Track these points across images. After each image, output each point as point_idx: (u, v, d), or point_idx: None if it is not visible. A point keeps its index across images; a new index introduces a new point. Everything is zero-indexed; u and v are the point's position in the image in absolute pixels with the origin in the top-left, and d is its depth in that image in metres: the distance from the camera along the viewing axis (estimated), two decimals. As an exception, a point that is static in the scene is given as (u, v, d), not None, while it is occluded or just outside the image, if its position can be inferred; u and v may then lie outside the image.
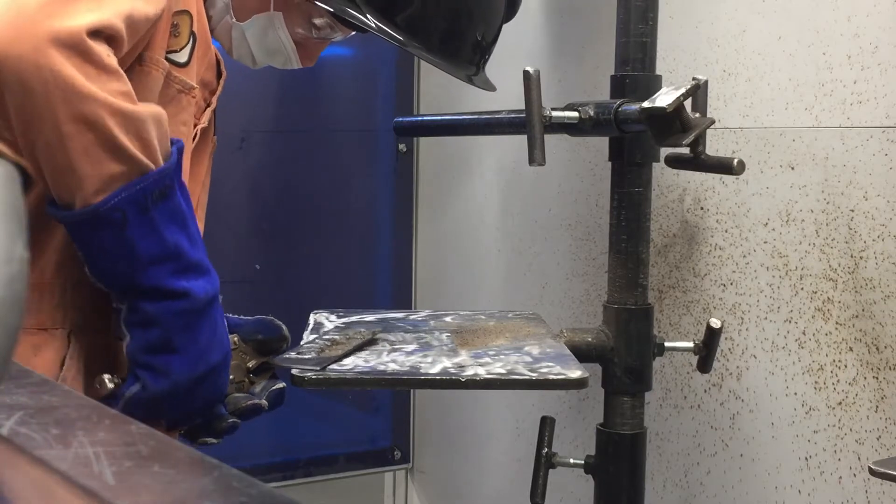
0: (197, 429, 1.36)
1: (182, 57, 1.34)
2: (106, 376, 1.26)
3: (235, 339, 1.42)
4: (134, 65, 1.26)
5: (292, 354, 1.41)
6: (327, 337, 1.52)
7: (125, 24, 1.17)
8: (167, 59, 1.31)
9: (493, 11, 1.64)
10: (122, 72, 1.16)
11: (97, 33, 1.13)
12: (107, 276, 1.22)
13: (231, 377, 1.39)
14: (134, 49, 1.24)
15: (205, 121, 1.43)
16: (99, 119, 1.12)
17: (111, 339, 1.30)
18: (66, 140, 1.12)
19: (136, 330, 1.23)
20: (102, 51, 1.13)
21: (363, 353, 1.44)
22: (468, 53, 1.61)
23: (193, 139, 1.41)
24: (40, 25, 1.09)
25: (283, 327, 1.45)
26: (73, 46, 1.11)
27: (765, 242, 1.71)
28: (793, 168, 1.66)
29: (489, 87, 1.68)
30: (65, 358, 1.27)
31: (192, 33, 1.34)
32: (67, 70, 1.10)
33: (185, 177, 1.39)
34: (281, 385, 1.42)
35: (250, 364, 1.41)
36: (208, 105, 1.45)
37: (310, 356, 1.39)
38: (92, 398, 1.28)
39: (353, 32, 1.56)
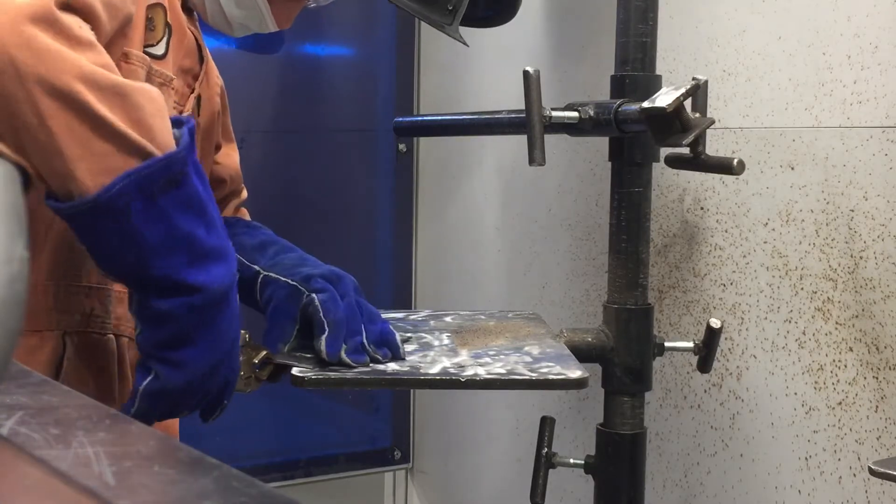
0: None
1: (159, 49, 1.30)
2: None
3: (246, 336, 1.40)
4: (120, 62, 1.23)
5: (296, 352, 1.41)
6: None
7: (100, 0, 1.11)
8: (146, 52, 1.29)
9: None
10: (98, 44, 1.08)
11: (67, 6, 1.06)
12: (115, 268, 1.13)
13: (241, 373, 1.38)
14: (116, 40, 1.19)
15: (189, 108, 1.40)
16: (75, 92, 1.04)
17: (110, 338, 1.29)
18: (46, 120, 1.03)
19: (147, 324, 1.16)
20: (73, 22, 1.06)
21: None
22: (444, 6, 1.60)
23: None
24: (6, 4, 1.02)
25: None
26: (42, 20, 1.03)
27: (765, 242, 1.71)
28: (793, 168, 1.66)
29: (462, 40, 1.66)
30: (62, 359, 1.25)
31: (168, 24, 1.32)
32: (38, 44, 1.02)
33: None
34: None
35: (256, 360, 1.40)
36: (192, 91, 1.41)
37: (311, 355, 1.39)
38: (102, 395, 1.28)
39: None
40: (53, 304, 1.25)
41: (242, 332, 1.38)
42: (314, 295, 1.37)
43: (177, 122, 1.15)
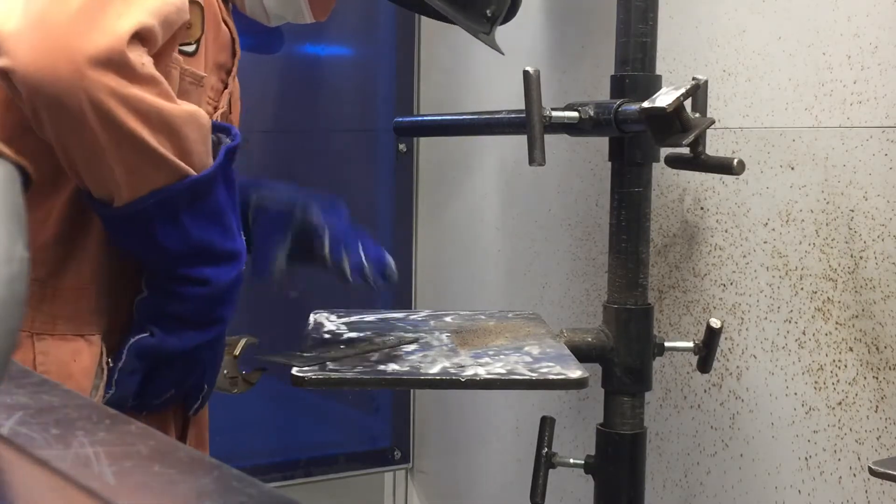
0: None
1: (191, 47, 1.32)
2: None
3: None
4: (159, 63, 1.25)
5: (302, 353, 1.43)
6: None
7: (158, 21, 1.16)
8: (180, 51, 1.29)
9: None
10: (157, 75, 1.16)
11: (135, 38, 1.12)
12: (139, 259, 1.26)
13: (224, 372, 1.40)
14: (167, 45, 1.23)
15: (224, 104, 1.41)
16: (136, 133, 1.13)
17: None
18: (103, 154, 1.14)
19: (156, 295, 1.26)
20: (137, 60, 1.13)
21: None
22: (481, 11, 1.62)
23: None
24: (75, 46, 1.08)
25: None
26: (111, 63, 1.10)
27: (765, 242, 1.71)
28: (793, 168, 1.66)
29: (498, 48, 1.68)
30: (101, 364, 1.27)
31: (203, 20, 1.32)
32: (104, 90, 1.10)
33: None
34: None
35: (236, 352, 1.42)
36: (225, 87, 1.42)
37: (309, 354, 1.40)
38: None
39: None
40: (96, 306, 1.26)
41: None
42: (310, 202, 1.47)
43: (224, 130, 1.26)
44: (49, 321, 1.24)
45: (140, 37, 1.14)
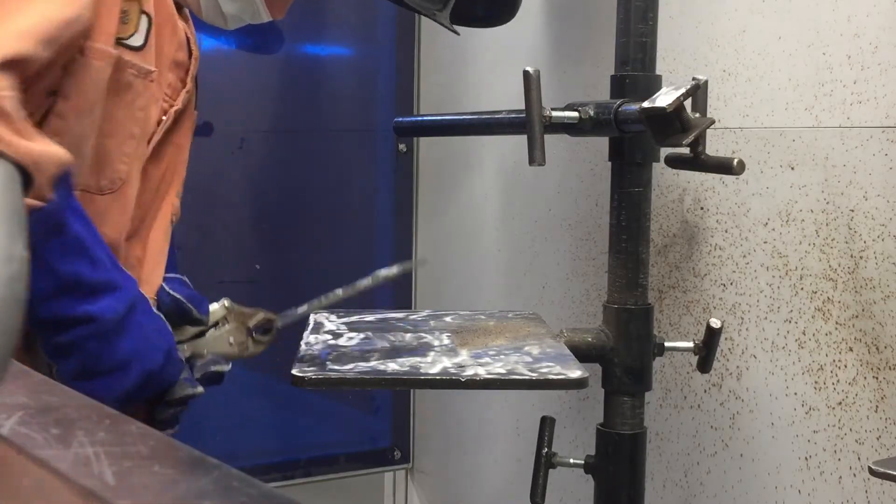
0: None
1: (137, 41, 1.29)
2: None
3: (226, 303, 1.43)
4: (75, 56, 1.22)
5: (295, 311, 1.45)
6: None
7: (35, 40, 1.10)
8: (121, 44, 1.27)
9: None
10: (11, 112, 1.05)
11: (4, 66, 1.05)
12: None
13: (231, 340, 1.41)
14: (67, 48, 1.18)
15: (180, 103, 1.40)
16: None
17: None
18: None
19: (57, 359, 1.23)
20: None
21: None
22: None
23: (167, 122, 1.39)
24: None
25: (193, 311, 1.42)
26: None
27: (765, 242, 1.71)
28: (793, 168, 1.66)
29: (452, 28, 1.67)
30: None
31: (146, 14, 1.31)
32: None
33: (144, 169, 1.36)
34: (224, 368, 1.41)
35: (251, 323, 1.42)
36: (184, 86, 1.41)
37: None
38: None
39: None
40: None
41: (224, 302, 1.42)
42: None
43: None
44: None
45: (13, 63, 1.06)
